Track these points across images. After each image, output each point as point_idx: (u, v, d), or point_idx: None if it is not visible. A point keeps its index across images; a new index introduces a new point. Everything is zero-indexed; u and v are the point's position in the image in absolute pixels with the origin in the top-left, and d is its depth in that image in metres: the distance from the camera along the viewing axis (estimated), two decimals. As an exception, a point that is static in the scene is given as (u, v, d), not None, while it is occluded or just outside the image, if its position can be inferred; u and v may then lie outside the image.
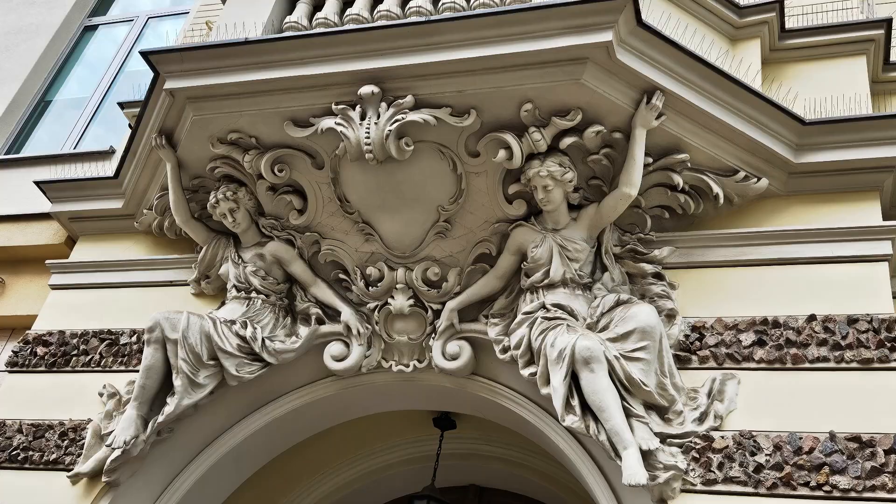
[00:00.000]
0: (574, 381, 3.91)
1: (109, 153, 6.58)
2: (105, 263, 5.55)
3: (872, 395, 3.80)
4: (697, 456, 3.80)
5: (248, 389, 4.84)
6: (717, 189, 4.35)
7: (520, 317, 4.28)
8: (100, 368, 5.14)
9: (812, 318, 4.06)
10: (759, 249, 4.34)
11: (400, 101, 4.15)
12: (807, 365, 3.95)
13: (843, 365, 3.91)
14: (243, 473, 5.25)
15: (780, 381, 3.95)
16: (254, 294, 4.82)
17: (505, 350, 4.36)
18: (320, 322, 4.84)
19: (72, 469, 4.70)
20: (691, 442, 3.84)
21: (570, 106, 4.11)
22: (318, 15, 4.80)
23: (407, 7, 4.62)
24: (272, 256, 4.86)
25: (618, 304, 4.14)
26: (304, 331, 4.77)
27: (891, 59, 5.25)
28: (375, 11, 4.67)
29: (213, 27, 5.33)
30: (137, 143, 5.23)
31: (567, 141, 4.19)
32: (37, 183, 5.82)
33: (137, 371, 4.68)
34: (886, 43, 5.13)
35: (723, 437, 3.84)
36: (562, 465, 5.04)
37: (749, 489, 3.70)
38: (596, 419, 3.84)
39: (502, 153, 4.19)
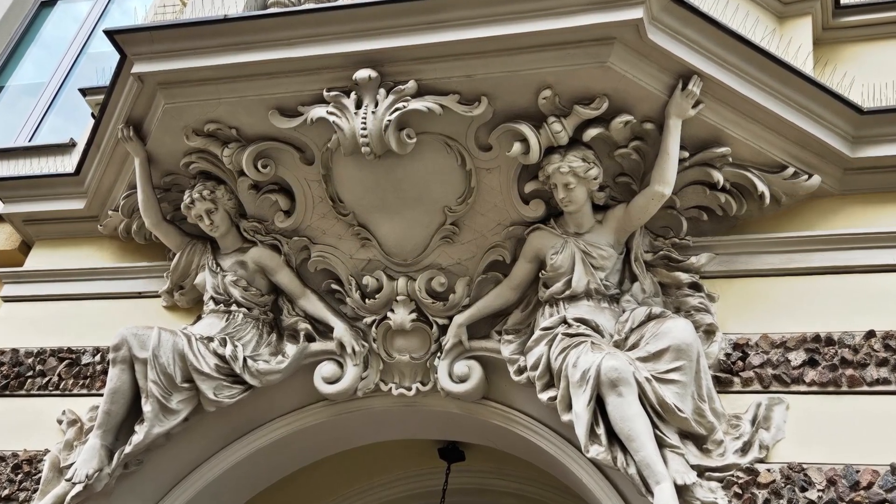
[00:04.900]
0: (599, 406, 3.93)
1: (70, 146, 6.60)
2: (65, 272, 5.57)
3: (940, 422, 3.82)
4: (740, 492, 3.81)
5: (227, 416, 4.86)
6: (762, 187, 4.37)
7: (537, 333, 4.29)
8: (59, 392, 5.16)
9: (871, 334, 4.07)
10: (811, 256, 4.35)
11: (401, 87, 4.17)
12: (865, 388, 3.97)
13: (907, 388, 3.93)
14: (222, 511, 5.28)
15: (834, 407, 3.97)
16: (234, 307, 4.83)
17: (520, 371, 4.37)
18: (310, 339, 4.85)
19: (27, 506, 4.73)
20: (733, 476, 3.85)
21: (594, 93, 4.13)
22: (308, -11, 4.83)
23: (409, -20, 4.65)
24: (255, 264, 4.88)
25: (649, 318, 4.16)
26: (291, 349, 4.79)
27: (960, 39, 5.28)
28: (373, -15, 4.71)
29: (188, 3, 5.37)
30: (101, 135, 5.25)
31: (591, 132, 4.21)
32: (-14, 180, 5.86)
33: (101, 395, 4.69)
34: (955, 20, 5.17)
35: (769, 471, 3.85)
36: (584, 502, 5.05)
37: (799, 530, 3.72)
38: (624, 450, 3.85)
39: (517, 146, 4.20)
